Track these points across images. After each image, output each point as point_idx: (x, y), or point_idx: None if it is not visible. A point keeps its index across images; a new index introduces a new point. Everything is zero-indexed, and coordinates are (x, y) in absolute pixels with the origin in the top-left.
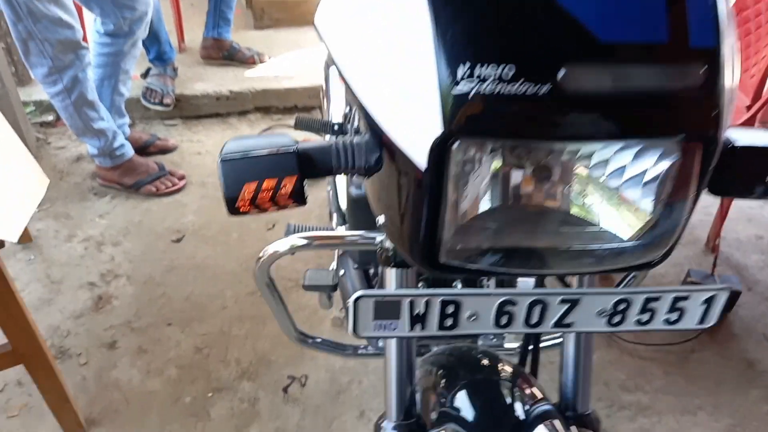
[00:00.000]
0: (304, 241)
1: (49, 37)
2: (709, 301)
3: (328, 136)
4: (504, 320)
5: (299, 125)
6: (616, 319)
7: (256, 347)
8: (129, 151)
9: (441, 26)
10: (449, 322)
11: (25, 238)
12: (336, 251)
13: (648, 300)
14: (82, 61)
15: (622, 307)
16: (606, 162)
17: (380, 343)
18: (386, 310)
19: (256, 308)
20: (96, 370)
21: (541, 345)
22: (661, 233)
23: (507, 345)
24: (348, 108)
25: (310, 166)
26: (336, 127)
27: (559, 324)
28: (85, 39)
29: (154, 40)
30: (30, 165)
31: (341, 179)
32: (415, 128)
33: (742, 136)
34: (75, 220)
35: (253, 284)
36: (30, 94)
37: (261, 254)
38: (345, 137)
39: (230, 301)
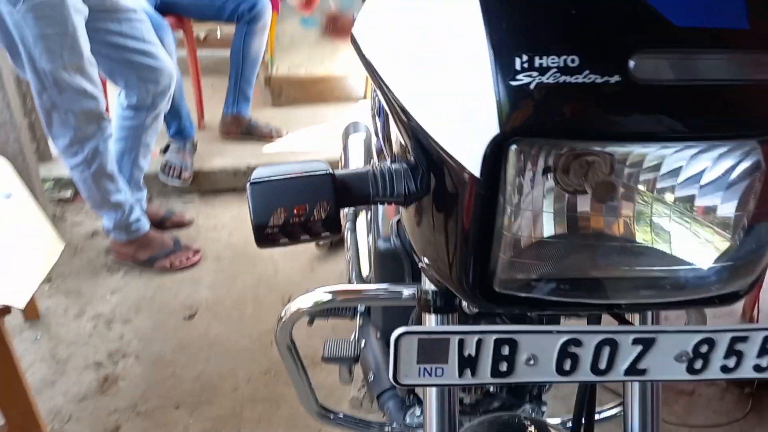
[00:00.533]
0: (328, 296)
1: (73, 108)
2: None
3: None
4: (567, 365)
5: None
6: (698, 364)
7: None
8: (145, 225)
9: (494, 14)
10: (504, 366)
11: (33, 315)
12: (357, 320)
13: (734, 340)
14: (104, 133)
15: (704, 349)
16: (677, 172)
17: (408, 419)
18: (432, 350)
19: (269, 389)
20: None
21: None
22: (746, 256)
23: (550, 421)
24: (382, 138)
25: (345, 193)
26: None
27: (631, 371)
28: (107, 111)
29: (175, 115)
30: (45, 230)
31: (363, 241)
32: (468, 132)
33: None
34: (86, 296)
35: (268, 363)
36: (50, 170)
37: (282, 313)
38: (383, 163)
39: (243, 381)
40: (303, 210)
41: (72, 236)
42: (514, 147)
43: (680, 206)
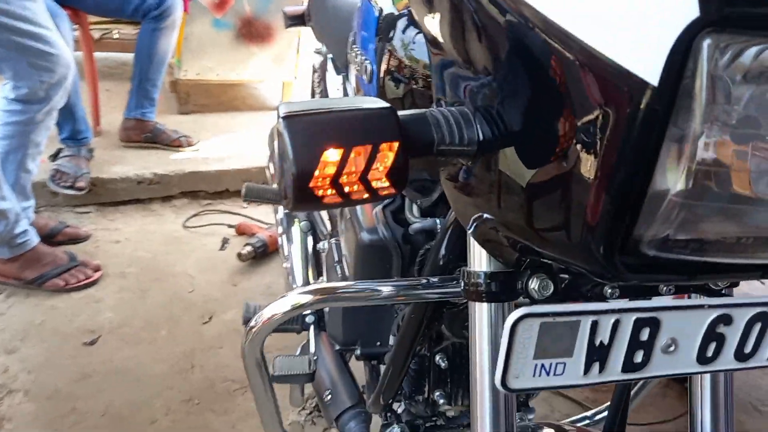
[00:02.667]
0: (310, 297)
1: None
2: None
3: None
4: (711, 350)
5: (249, 195)
6: None
7: None
8: (33, 238)
9: None
10: (639, 356)
11: None
12: (310, 332)
13: None
14: None
15: None
16: None
17: None
18: (555, 340)
19: (193, 418)
20: None
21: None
22: None
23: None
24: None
25: (412, 135)
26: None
27: None
28: None
29: (68, 116)
30: None
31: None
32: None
33: None
34: None
35: (189, 389)
36: None
37: (253, 323)
38: (442, 108)
39: (160, 412)
40: (364, 152)
41: None
42: (710, 40)
43: None
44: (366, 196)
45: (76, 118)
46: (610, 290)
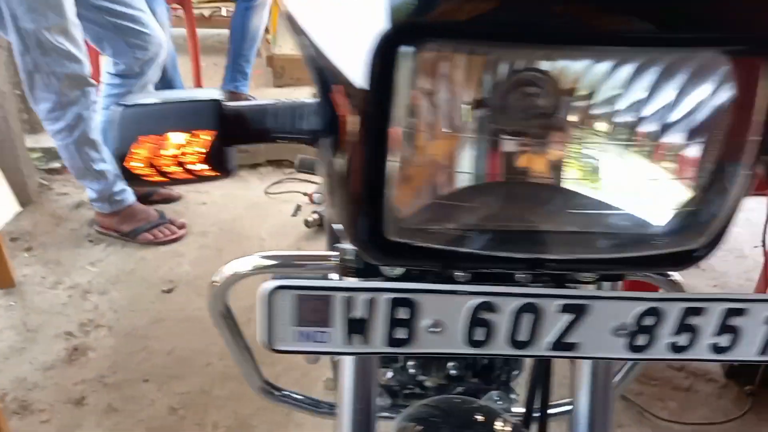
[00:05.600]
0: (268, 261)
1: (56, 71)
2: None
3: None
4: (480, 334)
5: (302, 166)
6: (641, 340)
7: (237, 411)
8: (129, 197)
9: None
10: (401, 333)
11: (8, 283)
12: None
13: (687, 313)
14: (87, 99)
15: (649, 321)
16: (618, 97)
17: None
18: (314, 309)
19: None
20: (57, 429)
21: (551, 410)
22: (701, 203)
23: (515, 409)
24: None
25: (239, 125)
26: None
27: (559, 345)
28: (96, 79)
29: (167, 89)
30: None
31: None
32: (355, 33)
33: None
34: (65, 266)
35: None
36: (39, 141)
37: (216, 278)
38: (289, 100)
39: (215, 357)
40: (178, 139)
41: (57, 206)
42: (406, 48)
43: (623, 138)
44: (186, 177)
45: (174, 89)
46: (458, 274)
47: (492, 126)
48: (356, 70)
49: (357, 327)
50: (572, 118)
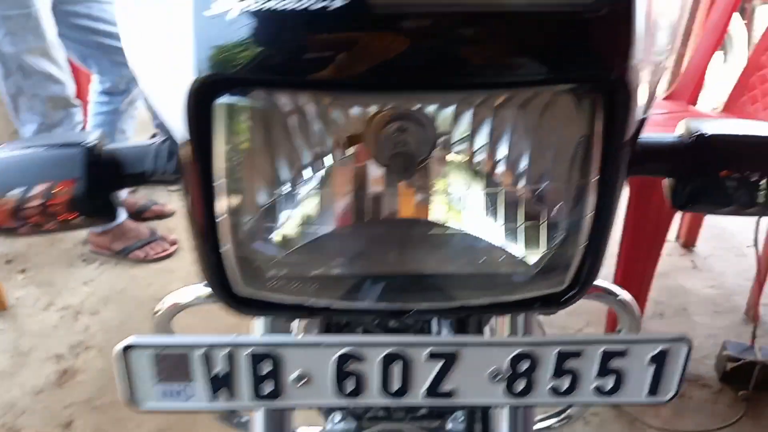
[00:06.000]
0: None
1: (39, 93)
2: (659, 360)
3: None
4: (350, 386)
5: None
6: (520, 385)
7: None
8: (121, 215)
9: None
10: (268, 386)
11: (0, 306)
12: None
13: (563, 357)
14: (72, 119)
15: (524, 366)
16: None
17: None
18: (173, 366)
19: None
20: None
21: None
22: (556, 244)
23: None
24: None
25: (112, 170)
26: None
27: (434, 392)
28: (81, 98)
29: None
30: None
31: None
32: (170, 81)
33: (708, 126)
34: (57, 287)
35: None
36: None
37: (158, 307)
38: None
39: None
40: (41, 190)
41: None
42: (221, 98)
43: (481, 178)
44: (59, 227)
45: None
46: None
47: (343, 173)
48: (176, 122)
49: (221, 382)
50: (431, 161)
